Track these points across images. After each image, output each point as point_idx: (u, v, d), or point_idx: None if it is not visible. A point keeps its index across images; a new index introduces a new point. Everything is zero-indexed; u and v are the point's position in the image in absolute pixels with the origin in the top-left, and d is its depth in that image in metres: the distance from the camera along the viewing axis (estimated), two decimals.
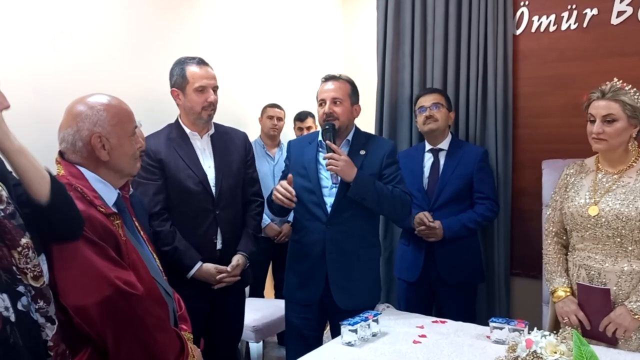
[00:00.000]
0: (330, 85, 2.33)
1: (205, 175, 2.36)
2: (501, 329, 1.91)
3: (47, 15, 2.53)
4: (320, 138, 2.39)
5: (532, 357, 1.40)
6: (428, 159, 2.84)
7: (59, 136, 1.58)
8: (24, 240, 1.27)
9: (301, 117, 3.86)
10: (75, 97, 1.62)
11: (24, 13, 2.46)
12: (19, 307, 1.21)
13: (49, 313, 1.30)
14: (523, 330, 1.85)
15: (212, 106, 2.35)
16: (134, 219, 1.73)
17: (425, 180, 2.80)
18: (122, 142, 1.59)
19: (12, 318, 1.18)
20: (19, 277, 1.24)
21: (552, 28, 2.95)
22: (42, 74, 2.51)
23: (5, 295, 1.18)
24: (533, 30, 3.00)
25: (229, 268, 2.35)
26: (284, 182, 2.24)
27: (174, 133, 2.39)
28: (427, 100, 2.80)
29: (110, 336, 1.43)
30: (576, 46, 2.88)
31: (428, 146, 2.85)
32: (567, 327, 2.02)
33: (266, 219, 3.43)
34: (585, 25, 2.86)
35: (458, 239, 2.71)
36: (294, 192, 2.22)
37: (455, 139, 2.90)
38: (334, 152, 2.22)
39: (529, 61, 3.03)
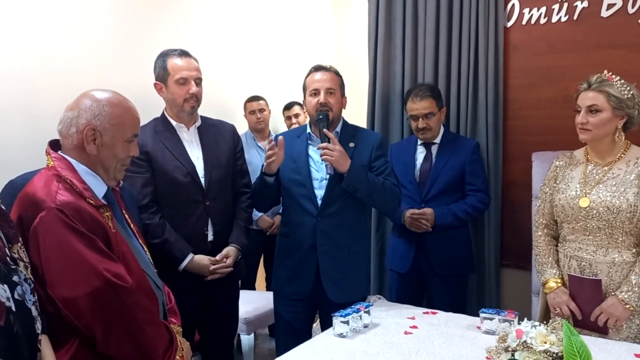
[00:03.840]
0: (322, 75, 2.32)
1: (194, 166, 2.34)
2: (491, 319, 1.93)
3: (39, 12, 2.51)
4: (309, 130, 2.38)
5: (522, 347, 1.41)
6: (420, 152, 2.84)
7: (61, 115, 1.58)
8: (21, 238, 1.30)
9: (288, 106, 3.88)
10: (66, 92, 1.61)
11: (15, 9, 2.43)
12: (15, 296, 1.21)
13: (39, 308, 1.31)
14: (513, 321, 1.87)
15: (195, 98, 2.33)
16: (123, 211, 1.72)
17: (417, 172, 2.81)
18: (114, 143, 1.57)
19: (13, 308, 1.19)
20: (13, 267, 1.25)
21: (542, 20, 2.95)
22: (33, 70, 2.49)
23: (5, 286, 1.19)
24: (524, 22, 3.00)
25: (217, 257, 2.34)
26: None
27: (160, 126, 2.37)
28: (418, 109, 2.74)
29: (99, 328, 1.43)
30: (566, 38, 2.89)
31: (420, 140, 2.85)
32: (557, 317, 2.04)
33: (258, 212, 3.43)
34: (575, 17, 2.86)
35: (449, 230, 2.72)
36: (279, 143, 2.23)
37: (448, 132, 2.90)
38: (329, 141, 2.21)
39: (520, 53, 3.03)
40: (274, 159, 2.22)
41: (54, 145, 1.61)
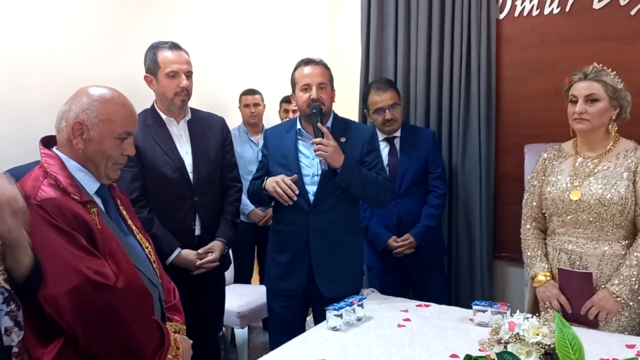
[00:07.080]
0: (313, 69, 2.28)
1: (183, 162, 2.34)
2: (484, 311, 1.94)
3: (25, 6, 2.47)
4: (299, 126, 2.36)
5: (514, 339, 1.41)
6: (384, 147, 2.84)
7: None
8: None
9: (288, 99, 3.84)
10: (56, 89, 1.59)
11: (6, 6, 2.40)
12: None
13: (18, 318, 1.26)
14: (506, 313, 1.88)
15: (185, 92, 2.31)
16: (121, 207, 1.69)
17: (387, 169, 2.79)
18: (102, 139, 1.54)
19: None
20: None
21: (535, 12, 2.95)
22: (22, 66, 2.46)
23: None
24: (516, 14, 3.00)
25: (200, 250, 2.35)
26: (287, 179, 2.22)
27: (150, 119, 2.35)
28: (383, 101, 2.76)
29: (81, 327, 1.39)
30: (558, 31, 2.89)
31: (382, 135, 2.85)
32: (548, 309, 2.05)
33: (250, 205, 3.42)
34: (567, 9, 2.86)
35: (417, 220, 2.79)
36: (297, 192, 2.21)
37: (406, 124, 2.93)
38: (323, 135, 2.19)
39: (512, 46, 3.03)
40: (280, 198, 2.22)
41: (47, 141, 1.59)
